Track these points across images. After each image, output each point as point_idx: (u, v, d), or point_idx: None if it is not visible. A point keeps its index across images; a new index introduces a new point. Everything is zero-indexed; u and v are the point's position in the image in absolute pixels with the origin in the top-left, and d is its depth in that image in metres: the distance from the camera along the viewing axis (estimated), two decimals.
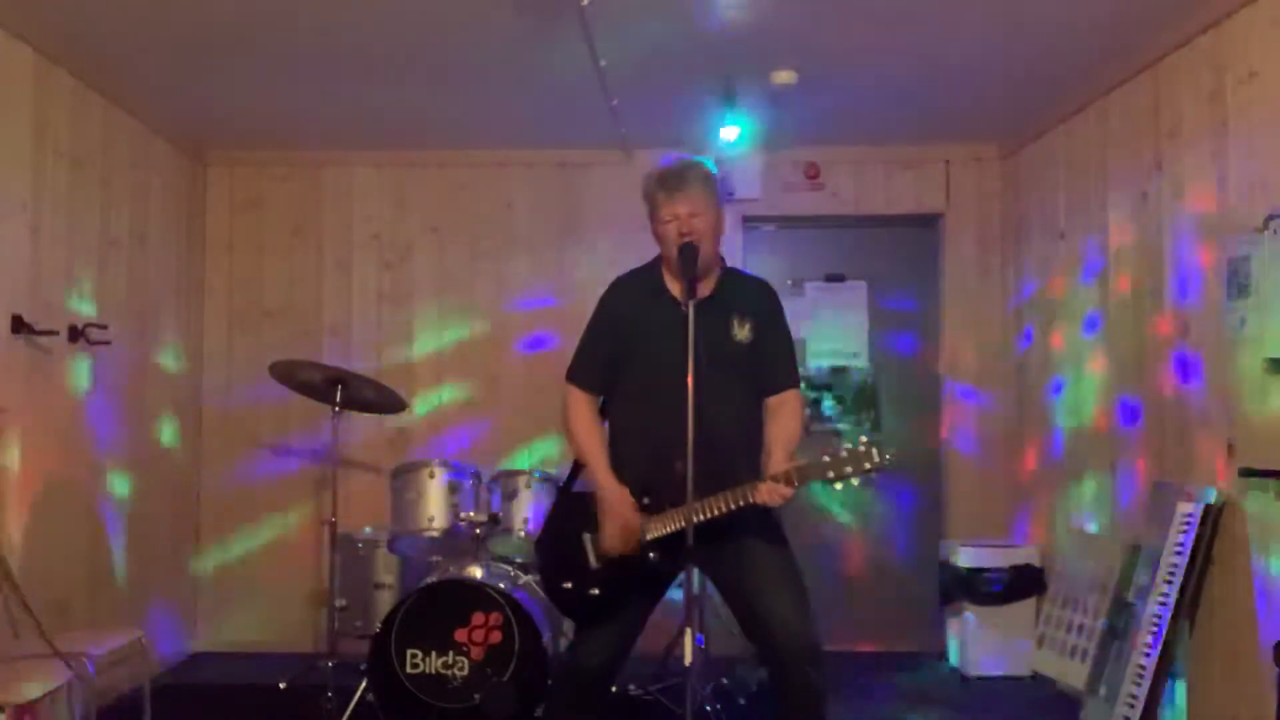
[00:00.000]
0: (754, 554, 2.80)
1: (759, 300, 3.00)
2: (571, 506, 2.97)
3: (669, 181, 2.86)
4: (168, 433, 5.06)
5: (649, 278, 3.01)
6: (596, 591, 2.84)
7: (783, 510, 2.81)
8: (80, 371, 4.20)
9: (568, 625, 3.66)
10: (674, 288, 2.93)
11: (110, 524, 4.46)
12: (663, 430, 2.73)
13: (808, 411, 5.44)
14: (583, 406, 2.98)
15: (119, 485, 4.54)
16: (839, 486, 2.66)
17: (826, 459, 2.65)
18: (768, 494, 2.68)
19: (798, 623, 2.73)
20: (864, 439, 2.66)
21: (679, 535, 2.70)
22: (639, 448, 2.90)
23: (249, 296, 5.52)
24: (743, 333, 2.92)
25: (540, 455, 5.32)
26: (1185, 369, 3.75)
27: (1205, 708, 3.56)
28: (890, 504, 5.50)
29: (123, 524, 4.56)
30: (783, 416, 2.93)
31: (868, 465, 2.62)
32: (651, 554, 2.78)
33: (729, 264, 3.08)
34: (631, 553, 2.79)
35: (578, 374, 3.01)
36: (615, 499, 2.82)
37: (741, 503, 2.69)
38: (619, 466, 2.90)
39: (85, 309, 4.22)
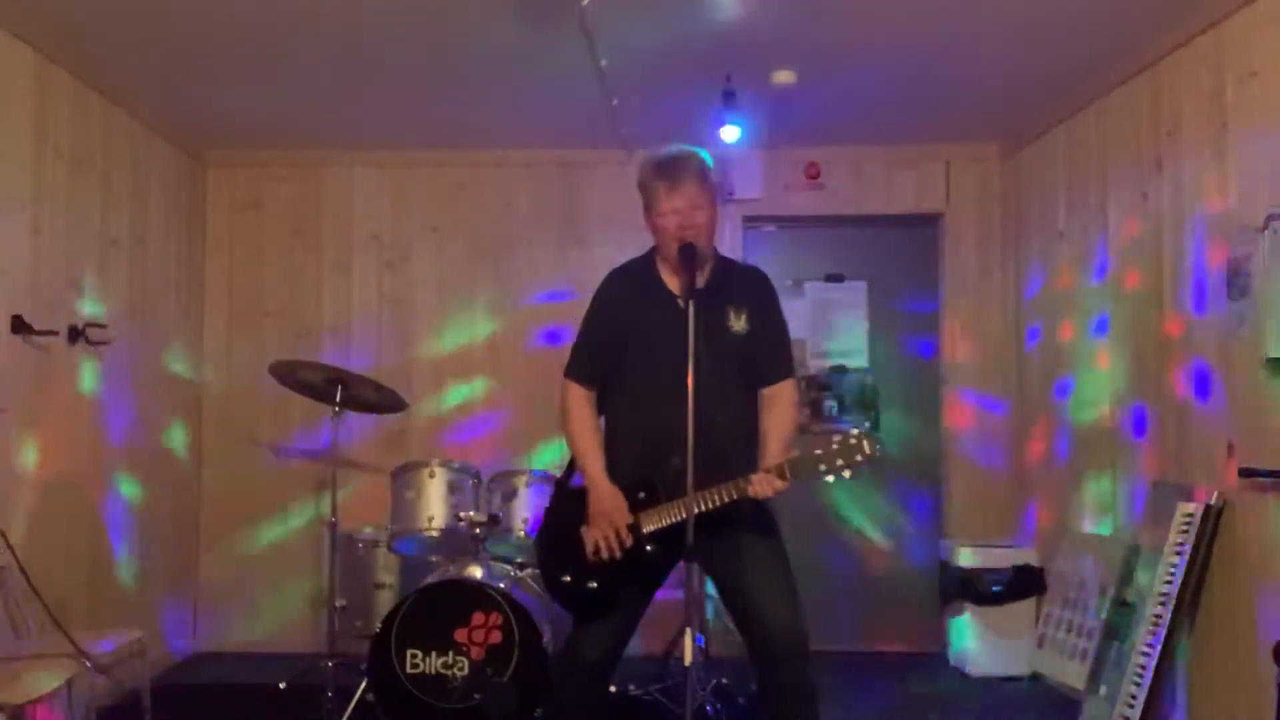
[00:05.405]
0: (748, 549, 2.80)
1: (755, 290, 2.98)
2: (569, 501, 2.95)
3: (668, 174, 2.82)
4: (167, 433, 5.06)
5: (644, 270, 2.98)
6: (595, 585, 2.84)
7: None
8: (80, 372, 4.20)
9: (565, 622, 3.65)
10: (669, 281, 2.91)
11: (111, 523, 4.46)
12: (659, 424, 2.73)
13: (807, 410, 5.44)
14: (581, 403, 2.96)
15: (119, 485, 4.54)
16: (830, 479, 2.66)
17: (819, 452, 2.66)
18: (761, 486, 2.68)
19: (792, 621, 2.73)
20: (855, 431, 2.66)
21: (676, 527, 2.70)
22: (635, 442, 2.89)
23: (249, 296, 5.52)
24: (739, 324, 2.89)
25: (540, 457, 5.32)
26: (1185, 369, 3.75)
27: (1205, 707, 3.56)
28: (891, 504, 5.50)
29: (123, 523, 4.56)
30: (778, 408, 2.91)
31: (859, 458, 2.63)
32: (649, 546, 2.78)
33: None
34: (629, 546, 2.79)
35: (575, 369, 2.99)
36: (607, 498, 2.81)
37: (736, 495, 2.69)
38: (615, 461, 2.88)
39: (85, 309, 4.22)
